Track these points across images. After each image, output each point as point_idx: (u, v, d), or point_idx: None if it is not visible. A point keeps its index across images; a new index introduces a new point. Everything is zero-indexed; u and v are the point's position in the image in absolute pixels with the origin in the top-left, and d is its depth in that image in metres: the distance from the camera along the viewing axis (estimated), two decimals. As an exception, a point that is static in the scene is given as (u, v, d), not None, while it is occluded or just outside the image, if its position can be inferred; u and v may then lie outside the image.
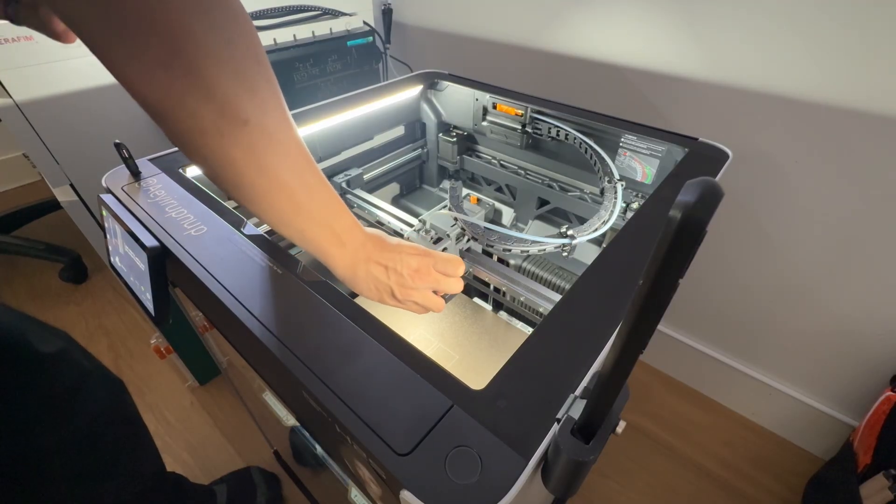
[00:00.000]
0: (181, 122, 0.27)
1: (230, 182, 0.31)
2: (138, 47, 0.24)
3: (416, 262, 0.39)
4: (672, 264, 0.16)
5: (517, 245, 0.48)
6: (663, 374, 1.13)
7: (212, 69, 0.26)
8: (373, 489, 0.36)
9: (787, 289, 0.85)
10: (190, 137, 0.28)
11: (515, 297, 0.54)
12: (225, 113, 0.27)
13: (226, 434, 0.99)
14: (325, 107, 0.67)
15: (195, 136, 0.28)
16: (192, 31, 0.25)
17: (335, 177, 0.72)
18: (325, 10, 1.00)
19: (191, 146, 0.29)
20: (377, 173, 0.80)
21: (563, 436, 0.26)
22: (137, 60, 0.24)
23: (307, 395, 0.30)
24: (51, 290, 1.35)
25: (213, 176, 0.31)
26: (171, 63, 0.25)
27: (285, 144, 0.31)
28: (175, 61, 0.25)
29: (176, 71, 0.25)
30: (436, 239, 0.47)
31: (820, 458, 0.95)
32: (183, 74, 0.25)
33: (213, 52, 0.26)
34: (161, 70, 0.25)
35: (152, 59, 0.24)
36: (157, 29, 0.24)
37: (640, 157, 0.63)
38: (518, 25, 0.95)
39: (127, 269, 0.49)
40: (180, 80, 0.25)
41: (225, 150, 0.28)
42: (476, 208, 0.55)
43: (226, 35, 0.26)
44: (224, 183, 0.31)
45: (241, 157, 0.29)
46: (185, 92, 0.26)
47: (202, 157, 0.29)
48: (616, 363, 0.21)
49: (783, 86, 0.69)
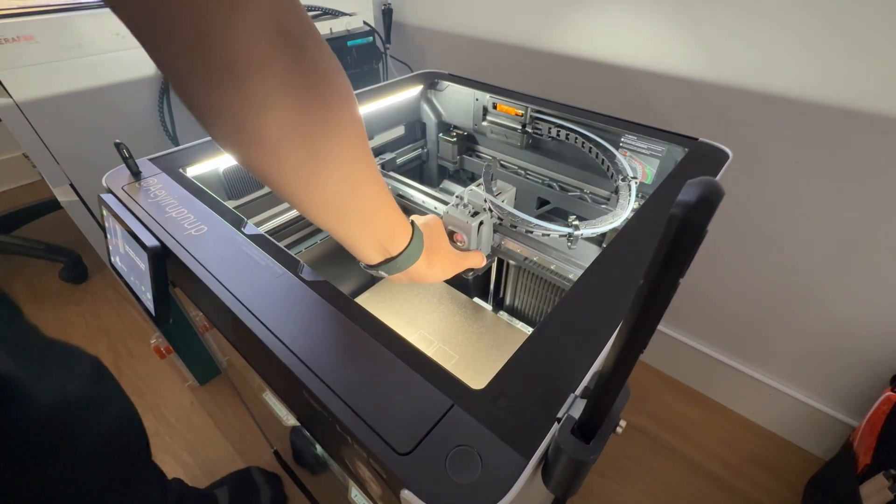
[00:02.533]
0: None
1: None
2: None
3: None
4: (672, 264, 0.16)
5: (537, 228, 0.51)
6: (663, 374, 1.13)
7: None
8: (373, 489, 0.36)
9: (787, 289, 0.85)
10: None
11: (545, 265, 0.57)
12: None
13: (226, 434, 0.99)
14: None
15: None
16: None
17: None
18: (325, 10, 1.00)
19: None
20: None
21: (563, 435, 0.26)
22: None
23: (307, 395, 0.30)
24: (51, 290, 1.35)
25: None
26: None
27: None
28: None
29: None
30: (473, 213, 0.50)
31: (820, 458, 0.95)
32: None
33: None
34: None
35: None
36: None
37: (640, 157, 0.63)
38: (518, 25, 0.96)
39: (127, 269, 0.49)
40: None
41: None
42: (507, 186, 0.57)
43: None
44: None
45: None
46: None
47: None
48: (616, 363, 0.21)
49: (783, 86, 0.69)
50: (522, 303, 0.71)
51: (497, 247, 0.58)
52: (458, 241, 0.51)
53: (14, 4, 0.73)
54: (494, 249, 0.58)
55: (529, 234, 0.53)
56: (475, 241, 0.51)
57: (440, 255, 0.45)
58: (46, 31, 0.72)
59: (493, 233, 0.55)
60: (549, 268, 0.57)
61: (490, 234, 0.54)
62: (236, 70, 0.22)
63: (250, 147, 0.26)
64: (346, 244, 0.36)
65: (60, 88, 0.77)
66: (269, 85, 0.23)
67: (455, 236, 0.51)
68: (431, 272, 0.43)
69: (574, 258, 0.53)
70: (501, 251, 0.59)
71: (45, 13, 0.72)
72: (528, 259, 0.58)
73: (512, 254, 0.58)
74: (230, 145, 0.26)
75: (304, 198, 0.30)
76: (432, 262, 0.43)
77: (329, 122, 0.27)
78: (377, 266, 0.39)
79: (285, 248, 0.42)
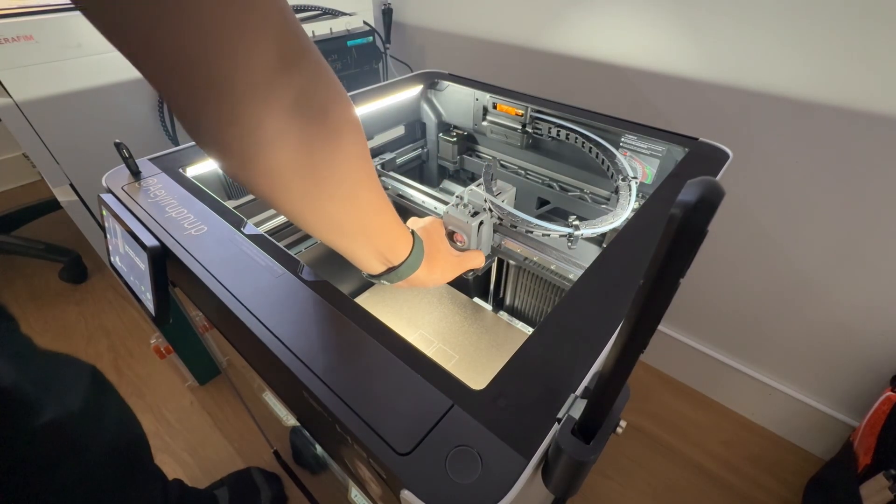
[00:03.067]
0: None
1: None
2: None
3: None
4: (673, 264, 0.16)
5: (537, 228, 0.51)
6: (663, 374, 1.13)
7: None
8: (373, 489, 0.36)
9: (787, 289, 0.85)
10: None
11: (545, 265, 0.56)
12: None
13: (226, 434, 0.99)
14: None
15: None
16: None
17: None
18: (325, 10, 1.00)
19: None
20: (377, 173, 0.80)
21: (563, 435, 0.26)
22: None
23: (307, 395, 0.30)
24: (51, 290, 1.35)
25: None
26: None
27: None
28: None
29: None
30: (473, 213, 0.50)
31: (820, 458, 0.95)
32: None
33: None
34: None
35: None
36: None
37: (640, 157, 0.63)
38: (518, 25, 0.95)
39: (127, 269, 0.49)
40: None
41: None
42: (507, 186, 0.57)
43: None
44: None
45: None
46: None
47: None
48: (617, 363, 0.21)
49: (783, 85, 0.69)
50: (522, 303, 0.71)
51: (497, 247, 0.58)
52: (458, 242, 0.51)
53: (14, 4, 0.73)
54: (494, 249, 0.58)
55: (529, 234, 0.53)
56: (475, 241, 0.51)
57: (440, 259, 0.45)
58: (46, 31, 0.72)
59: (493, 233, 0.55)
60: (549, 268, 0.57)
61: (490, 234, 0.54)
62: (242, 106, 0.22)
63: (258, 178, 0.26)
64: (347, 257, 0.36)
65: (60, 88, 0.77)
66: (275, 121, 0.23)
67: (455, 236, 0.51)
68: (432, 277, 0.44)
69: (574, 258, 0.53)
70: (501, 251, 0.59)
71: (45, 13, 0.72)
72: (528, 259, 0.58)
73: (512, 254, 0.58)
74: (237, 178, 0.26)
75: (309, 220, 0.30)
76: (433, 268, 0.43)
77: (335, 151, 0.27)
78: (379, 276, 0.40)
79: (285, 248, 0.42)
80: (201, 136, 0.24)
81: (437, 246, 0.45)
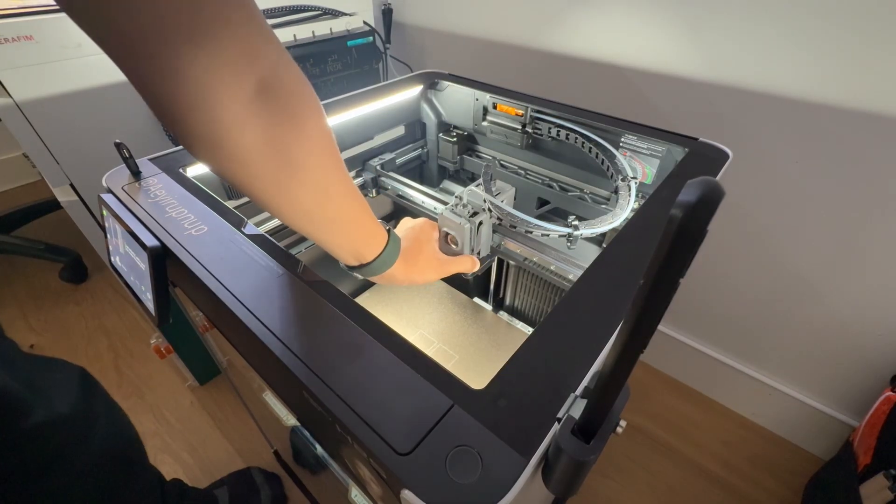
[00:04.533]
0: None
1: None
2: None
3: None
4: (673, 264, 0.16)
5: (537, 229, 0.51)
6: (663, 374, 1.13)
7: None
8: (373, 489, 0.36)
9: (787, 289, 0.85)
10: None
11: (545, 266, 0.57)
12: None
13: (226, 434, 0.99)
14: (325, 107, 0.67)
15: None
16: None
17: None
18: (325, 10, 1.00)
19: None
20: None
21: (563, 435, 0.26)
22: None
23: (307, 395, 0.30)
24: (51, 290, 1.35)
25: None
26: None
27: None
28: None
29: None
30: (472, 213, 0.50)
31: (820, 458, 0.95)
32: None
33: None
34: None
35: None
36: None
37: (640, 157, 0.63)
38: (518, 25, 0.96)
39: (127, 269, 0.49)
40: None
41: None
42: (507, 186, 0.57)
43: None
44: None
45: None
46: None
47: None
48: (617, 363, 0.21)
49: (783, 86, 0.69)
50: (522, 303, 0.71)
51: (497, 247, 0.58)
52: (452, 244, 0.51)
53: (14, 4, 0.73)
54: (494, 249, 0.58)
55: (529, 235, 0.53)
56: (468, 243, 0.51)
57: (421, 260, 0.46)
58: (46, 31, 0.72)
59: (492, 233, 0.55)
60: (549, 268, 0.57)
61: (489, 235, 0.54)
62: (207, 90, 0.23)
63: (226, 163, 0.27)
64: (323, 247, 0.38)
65: (60, 88, 0.77)
66: (238, 105, 0.25)
67: (449, 238, 0.51)
68: (409, 277, 0.44)
69: (574, 258, 0.53)
70: (501, 251, 0.59)
71: (45, 13, 0.72)
72: (527, 259, 0.58)
73: (512, 254, 0.58)
74: (208, 161, 0.27)
75: (280, 207, 0.31)
76: (410, 268, 0.44)
77: (299, 136, 0.28)
78: (352, 269, 0.41)
79: (285, 248, 0.42)
80: (171, 123, 0.25)
81: (420, 247, 0.46)
